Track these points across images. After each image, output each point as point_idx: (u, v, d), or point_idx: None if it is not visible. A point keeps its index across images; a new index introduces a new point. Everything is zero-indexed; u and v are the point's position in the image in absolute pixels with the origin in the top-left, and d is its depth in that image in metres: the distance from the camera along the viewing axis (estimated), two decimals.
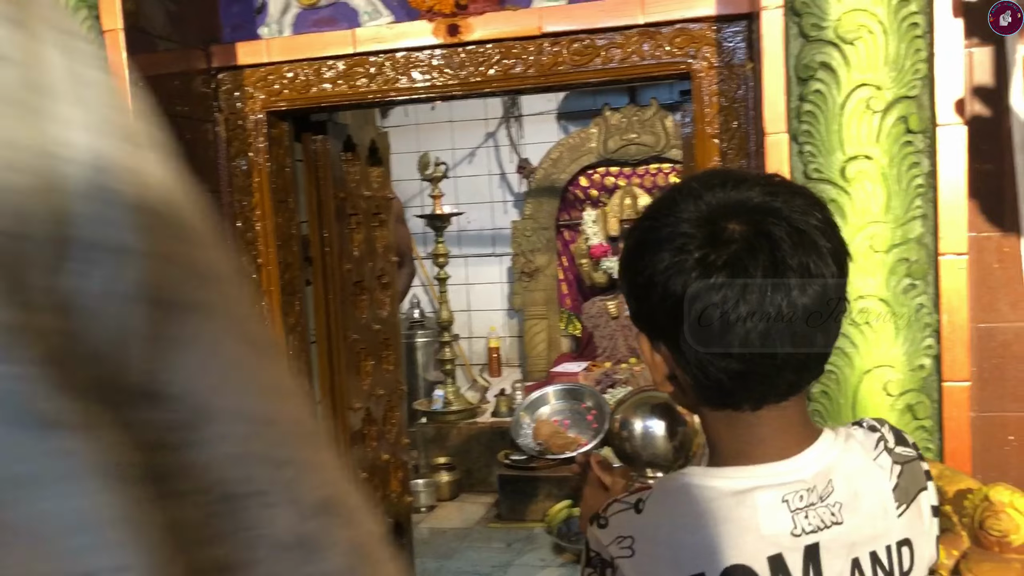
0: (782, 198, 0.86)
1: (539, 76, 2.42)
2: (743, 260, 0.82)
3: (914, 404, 1.94)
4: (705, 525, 0.85)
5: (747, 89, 2.27)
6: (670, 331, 0.87)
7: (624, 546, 0.85)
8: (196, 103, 2.57)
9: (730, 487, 0.88)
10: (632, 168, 5.65)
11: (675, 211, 0.88)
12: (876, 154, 1.92)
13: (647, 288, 0.87)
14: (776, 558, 0.85)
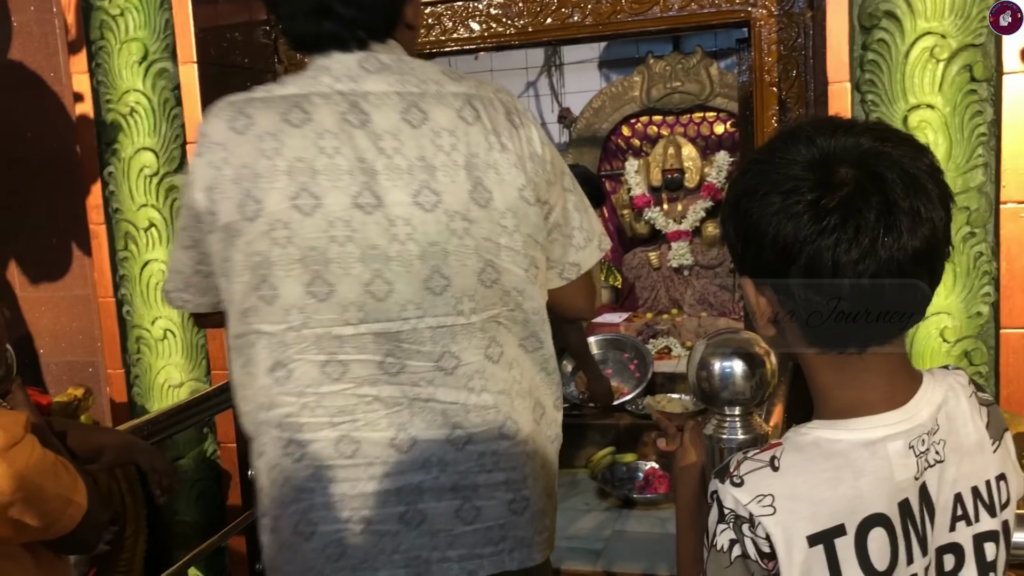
0: (891, 143, 0.87)
1: (596, 25, 2.43)
2: (856, 203, 0.84)
3: (971, 350, 1.98)
4: (843, 479, 0.87)
5: (807, 37, 2.27)
6: (778, 274, 0.88)
7: (765, 504, 0.86)
8: (256, 55, 2.61)
9: (861, 438, 0.89)
10: (676, 117, 5.63)
11: (786, 155, 0.89)
12: (939, 103, 1.92)
13: (756, 231, 0.88)
14: (904, 503, 0.89)
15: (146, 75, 2.39)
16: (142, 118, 2.40)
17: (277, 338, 1.33)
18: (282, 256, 1.30)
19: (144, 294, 2.47)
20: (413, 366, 1.37)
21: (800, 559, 0.85)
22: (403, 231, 1.31)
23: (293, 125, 1.29)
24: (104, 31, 2.40)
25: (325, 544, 1.37)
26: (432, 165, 1.32)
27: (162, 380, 2.50)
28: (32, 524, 1.29)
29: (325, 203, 1.29)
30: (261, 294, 1.31)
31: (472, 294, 1.37)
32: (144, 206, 2.44)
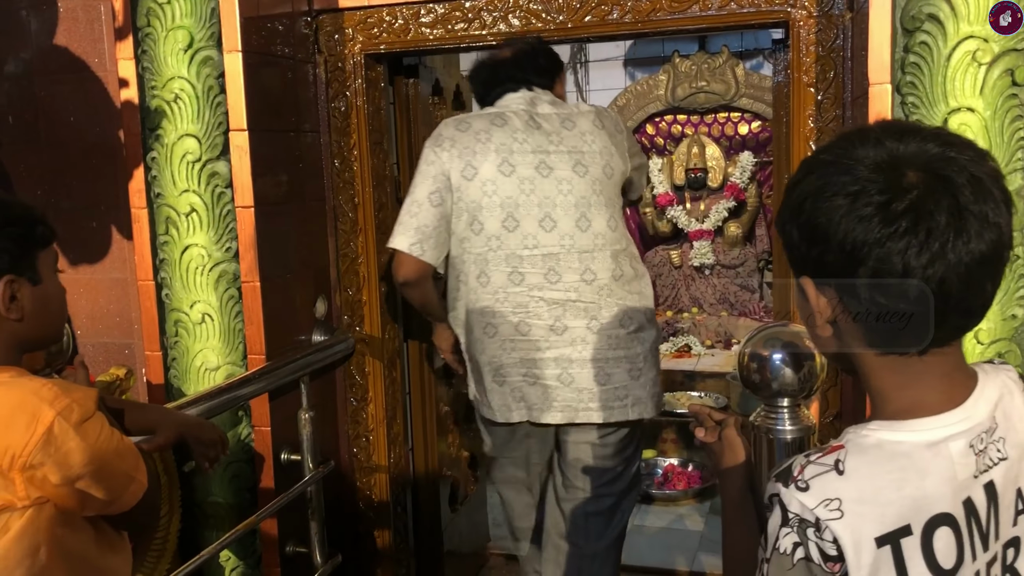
0: (956, 148, 0.88)
1: (635, 23, 2.46)
2: (927, 206, 0.84)
3: (1004, 353, 1.99)
4: (908, 480, 0.87)
5: (845, 39, 2.29)
6: (843, 275, 0.89)
7: (833, 508, 0.86)
8: (297, 44, 2.65)
9: (924, 439, 0.90)
10: (700, 116, 5.64)
11: (853, 156, 0.89)
12: (979, 106, 1.94)
13: (823, 232, 0.89)
14: (967, 501, 0.90)
15: (191, 62, 2.42)
16: (186, 105, 2.44)
17: (481, 256, 2.29)
18: (488, 203, 2.27)
19: (183, 278, 2.51)
20: (567, 278, 2.28)
21: (868, 561, 0.86)
22: (565, 188, 2.28)
23: (496, 126, 2.31)
24: (151, 18, 2.44)
25: (512, 389, 2.32)
26: (582, 151, 2.31)
27: (199, 363, 2.54)
28: (98, 497, 1.33)
29: (518, 170, 2.27)
30: (472, 228, 2.29)
31: (603, 233, 2.30)
32: (186, 191, 2.48)
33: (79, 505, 1.33)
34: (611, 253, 2.31)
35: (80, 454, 1.28)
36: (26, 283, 1.38)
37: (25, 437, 1.25)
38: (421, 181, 2.31)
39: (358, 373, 2.82)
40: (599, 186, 2.31)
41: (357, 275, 2.78)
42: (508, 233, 2.26)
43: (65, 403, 1.29)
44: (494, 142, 2.27)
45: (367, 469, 2.86)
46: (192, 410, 2.09)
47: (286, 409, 2.54)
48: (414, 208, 2.30)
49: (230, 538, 2.29)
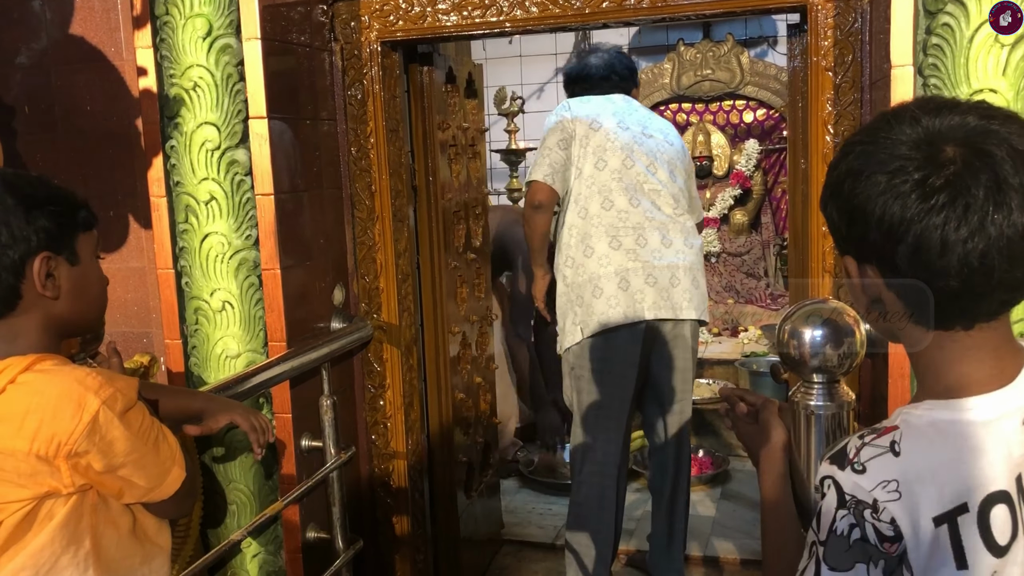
0: (998, 121, 0.88)
1: (653, 7, 2.46)
2: (964, 180, 0.84)
3: None
4: (965, 460, 0.88)
5: (863, 23, 2.30)
6: (884, 253, 0.89)
7: (890, 489, 0.87)
8: (314, 33, 2.65)
9: (978, 418, 0.90)
10: (705, 105, 5.64)
11: (890, 135, 0.89)
12: (1002, 87, 1.95)
13: (862, 211, 0.89)
14: (1020, 478, 0.90)
15: (210, 50, 2.42)
16: (205, 93, 2.45)
17: (606, 187, 2.90)
18: (611, 146, 2.91)
19: (203, 266, 2.52)
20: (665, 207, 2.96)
21: (927, 540, 0.87)
22: (660, 150, 3.00)
23: (610, 101, 3.03)
24: (169, 7, 2.44)
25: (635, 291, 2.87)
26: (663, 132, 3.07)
27: (219, 351, 2.55)
28: (139, 485, 1.34)
29: (630, 129, 2.97)
30: (598, 166, 2.90)
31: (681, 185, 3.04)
32: (205, 179, 2.48)
33: (120, 493, 1.34)
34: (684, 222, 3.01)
35: (123, 442, 1.29)
36: (64, 262, 1.37)
37: (71, 425, 1.26)
38: (550, 134, 2.93)
39: (376, 360, 2.83)
40: (677, 160, 3.04)
41: (374, 262, 2.79)
42: (627, 170, 2.89)
43: (110, 392, 1.29)
44: (611, 109, 2.98)
45: (385, 456, 2.87)
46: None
47: (307, 396, 2.55)
48: (545, 152, 2.93)
49: (256, 524, 2.30)
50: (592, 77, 3.08)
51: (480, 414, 3.44)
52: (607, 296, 2.85)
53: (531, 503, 4.06)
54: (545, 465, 4.33)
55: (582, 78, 3.11)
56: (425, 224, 3.00)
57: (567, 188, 2.95)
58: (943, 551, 0.88)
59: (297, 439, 2.53)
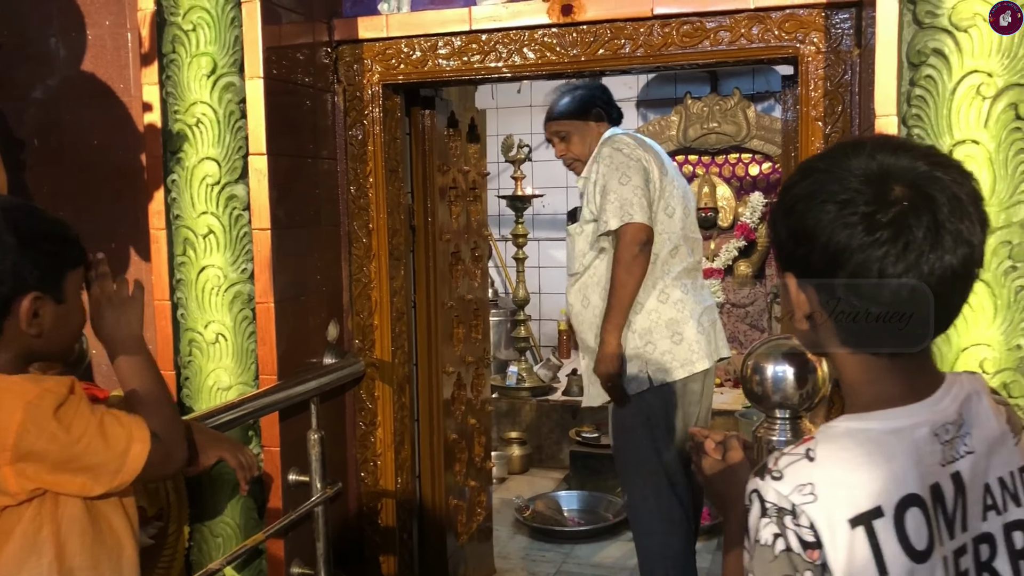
0: (942, 168, 0.94)
1: (647, 56, 2.52)
2: (908, 220, 0.90)
3: (1009, 383, 2.01)
4: (876, 463, 0.91)
5: (853, 74, 2.34)
6: (824, 276, 0.95)
7: (806, 492, 0.90)
8: (318, 74, 2.72)
9: (889, 426, 0.95)
10: (711, 157, 5.69)
11: (846, 165, 0.95)
12: (984, 139, 1.98)
13: (810, 234, 0.94)
14: (935, 486, 0.95)
15: (213, 88, 2.49)
16: (207, 129, 2.50)
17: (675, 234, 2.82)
18: (676, 195, 2.82)
19: (199, 298, 2.55)
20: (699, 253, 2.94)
21: (844, 542, 0.90)
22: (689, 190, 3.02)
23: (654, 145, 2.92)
24: (176, 45, 2.51)
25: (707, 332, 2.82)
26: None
27: (211, 383, 2.57)
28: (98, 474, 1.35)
29: (680, 175, 2.96)
30: (667, 212, 2.80)
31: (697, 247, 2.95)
32: (204, 213, 2.53)
33: (84, 488, 1.34)
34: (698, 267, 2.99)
35: (62, 438, 1.29)
36: (50, 301, 1.38)
37: (2, 433, 1.27)
38: (633, 173, 2.72)
39: (367, 397, 2.85)
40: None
41: (369, 300, 2.82)
42: (686, 218, 2.86)
43: (36, 392, 1.30)
44: (662, 153, 2.91)
45: (374, 494, 2.87)
46: (208, 423, 2.11)
47: (296, 430, 2.56)
48: (637, 192, 2.71)
49: (236, 554, 2.30)
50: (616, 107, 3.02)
51: (473, 456, 3.43)
52: (688, 341, 2.78)
53: (525, 549, 4.03)
54: (539, 511, 4.30)
55: (614, 106, 3.01)
56: (423, 264, 3.03)
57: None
58: (863, 557, 0.90)
59: (285, 473, 2.54)
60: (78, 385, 1.40)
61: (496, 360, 5.93)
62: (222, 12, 2.47)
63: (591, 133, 2.90)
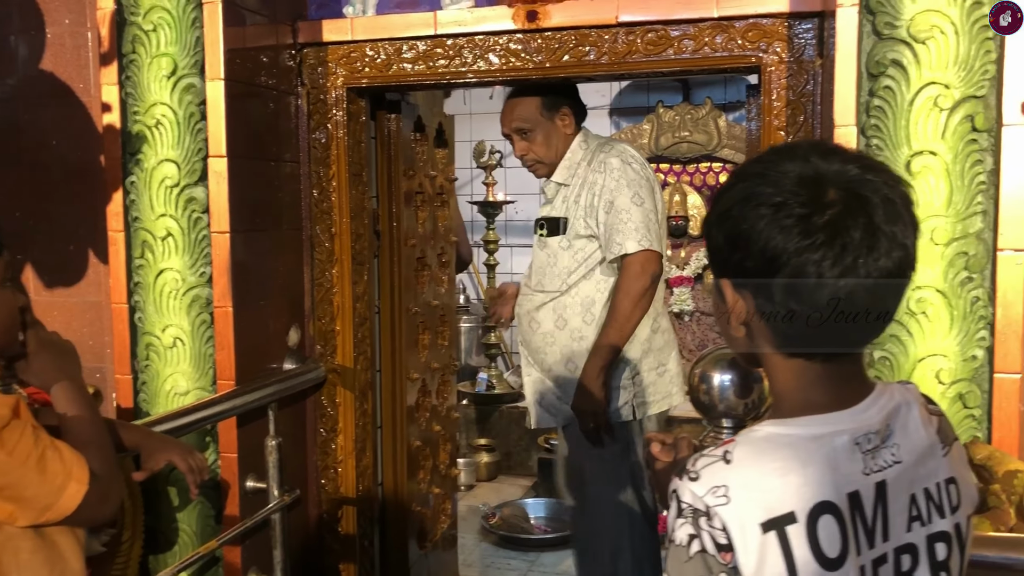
0: (874, 172, 0.94)
1: (612, 64, 2.51)
2: (844, 221, 0.89)
3: (965, 393, 2.02)
4: (791, 468, 0.91)
5: (815, 84, 2.35)
6: (760, 280, 0.94)
7: (720, 494, 0.90)
8: (281, 76, 2.69)
9: (809, 432, 0.94)
10: (682, 166, 5.70)
11: (780, 168, 0.94)
12: (941, 150, 1.99)
13: (746, 238, 0.93)
14: (854, 494, 0.94)
15: (174, 89, 2.46)
16: (167, 130, 2.47)
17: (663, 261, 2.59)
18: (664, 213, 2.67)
19: (157, 301, 2.52)
20: None
21: (755, 546, 0.89)
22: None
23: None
24: (136, 45, 2.48)
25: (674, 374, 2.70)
26: None
27: (169, 387, 2.53)
28: (27, 506, 1.31)
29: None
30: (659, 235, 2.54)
31: None
32: (163, 216, 2.50)
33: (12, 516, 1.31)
34: None
35: (2, 459, 1.26)
36: None
37: None
38: (646, 194, 2.52)
39: (328, 403, 2.82)
40: None
41: (331, 305, 2.79)
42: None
43: None
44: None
45: (335, 501, 2.84)
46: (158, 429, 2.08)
47: (254, 436, 2.53)
48: (651, 216, 2.50)
49: (189, 561, 2.26)
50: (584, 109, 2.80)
51: (438, 463, 3.41)
52: (671, 374, 2.68)
53: (490, 557, 4.01)
54: (506, 518, 4.28)
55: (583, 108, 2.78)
56: (387, 269, 3.01)
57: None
58: (774, 562, 0.89)
59: (242, 480, 2.50)
60: (23, 407, 1.37)
61: (467, 366, 5.92)
62: (183, 13, 2.44)
63: (557, 134, 2.67)
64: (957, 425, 2.02)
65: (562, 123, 2.68)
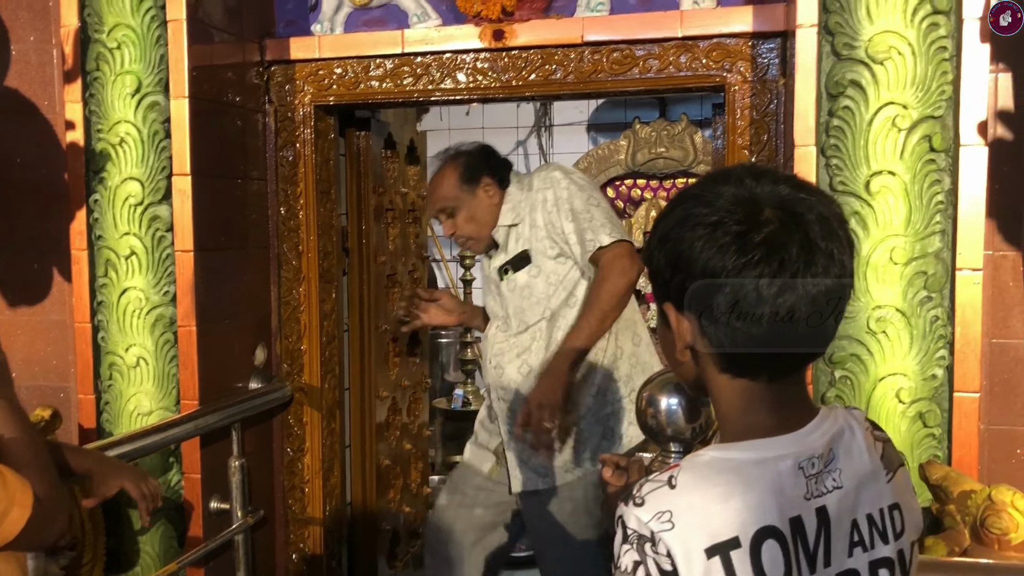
0: (806, 191, 0.95)
1: (578, 83, 2.52)
2: (781, 238, 0.90)
3: (925, 412, 2.02)
4: (735, 493, 0.90)
5: (779, 104, 2.36)
6: (702, 301, 0.93)
7: (664, 520, 0.89)
8: (248, 94, 2.68)
9: (753, 456, 0.94)
10: (659, 181, 5.72)
11: (715, 190, 0.95)
12: (900, 170, 2.00)
13: (686, 259, 0.93)
14: (796, 519, 0.93)
15: (138, 107, 2.45)
16: (131, 148, 2.46)
17: None
18: None
19: (120, 320, 2.49)
20: None
21: (700, 571, 0.88)
22: None
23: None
24: (100, 63, 2.46)
25: None
26: None
27: (132, 408, 2.51)
28: None
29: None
30: None
31: None
32: (126, 234, 2.48)
33: None
34: None
35: None
36: None
37: None
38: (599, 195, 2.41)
39: (295, 423, 2.80)
40: None
41: (298, 323, 2.77)
42: None
43: None
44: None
45: (301, 521, 2.82)
46: (114, 452, 2.06)
47: (218, 456, 2.50)
48: (607, 209, 2.35)
49: None
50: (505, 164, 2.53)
51: (409, 482, 3.39)
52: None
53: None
54: None
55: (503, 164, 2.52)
56: (356, 286, 3.00)
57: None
58: None
59: (206, 500, 2.48)
60: None
61: (443, 382, 5.90)
62: (147, 30, 2.43)
63: (482, 206, 2.42)
64: (917, 444, 2.03)
65: (486, 194, 2.43)
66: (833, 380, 2.05)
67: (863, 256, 2.01)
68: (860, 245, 2.01)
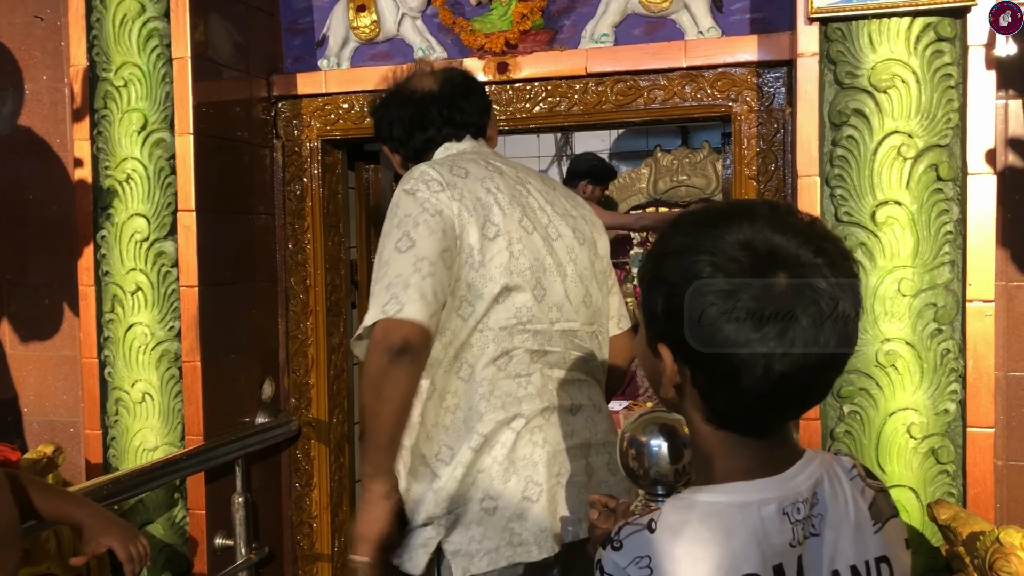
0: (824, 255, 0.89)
1: (583, 114, 2.50)
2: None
3: (937, 448, 1.95)
4: (716, 539, 0.88)
5: (786, 133, 2.32)
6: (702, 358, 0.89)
7: (642, 566, 0.87)
8: (256, 129, 2.69)
9: (736, 500, 0.91)
10: (681, 209, 5.70)
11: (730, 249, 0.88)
12: (906, 200, 1.95)
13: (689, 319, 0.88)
14: (778, 567, 0.90)
15: (144, 144, 2.47)
16: (137, 185, 2.48)
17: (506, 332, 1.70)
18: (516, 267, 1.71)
19: (126, 356, 2.50)
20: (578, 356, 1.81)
21: None
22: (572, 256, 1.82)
23: (496, 172, 1.77)
24: (107, 100, 2.49)
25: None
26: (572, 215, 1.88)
27: (138, 443, 2.51)
28: None
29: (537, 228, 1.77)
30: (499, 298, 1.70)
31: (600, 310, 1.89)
32: (133, 270, 2.49)
33: None
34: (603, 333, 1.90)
35: None
36: None
37: None
38: (427, 233, 1.64)
39: (303, 458, 2.78)
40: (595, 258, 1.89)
41: (306, 357, 2.76)
42: (537, 304, 1.72)
43: None
44: (505, 192, 1.74)
45: (309, 557, 2.79)
46: (116, 488, 2.06)
47: (223, 492, 2.49)
48: (424, 267, 1.61)
49: None
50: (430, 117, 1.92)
51: None
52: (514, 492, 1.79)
53: None
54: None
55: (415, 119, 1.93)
56: None
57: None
58: None
59: (211, 537, 2.46)
60: None
61: None
62: (153, 68, 2.45)
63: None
64: (930, 481, 1.96)
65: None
66: (842, 415, 2.00)
67: (870, 288, 1.96)
68: (867, 277, 1.96)
